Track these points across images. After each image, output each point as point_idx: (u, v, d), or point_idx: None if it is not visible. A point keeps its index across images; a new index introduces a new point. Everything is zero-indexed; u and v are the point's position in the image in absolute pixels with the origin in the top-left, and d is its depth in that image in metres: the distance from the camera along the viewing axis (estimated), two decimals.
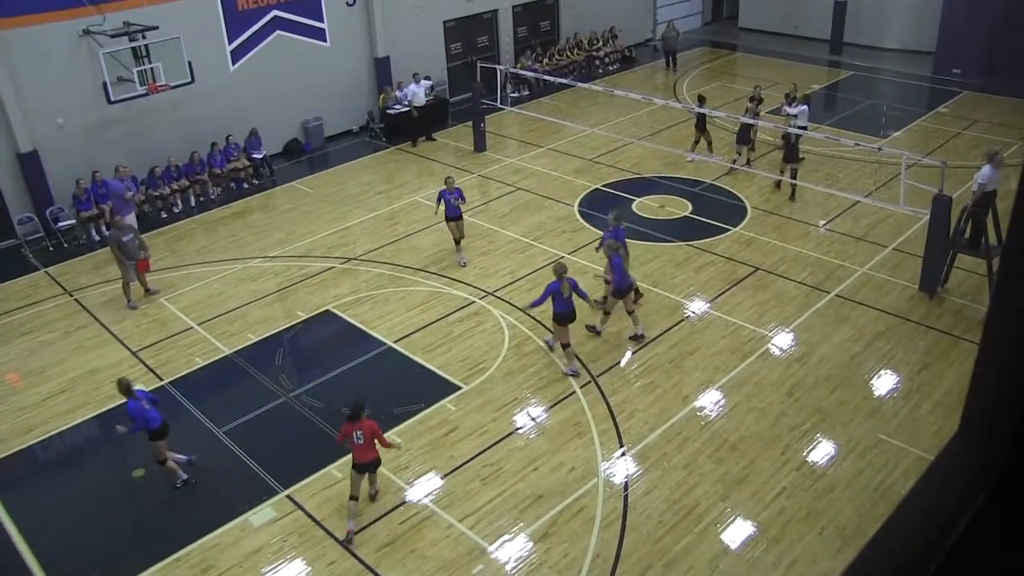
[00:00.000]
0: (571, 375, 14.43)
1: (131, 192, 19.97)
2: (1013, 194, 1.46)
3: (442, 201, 18.01)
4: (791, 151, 20.51)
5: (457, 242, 18.52)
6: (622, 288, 14.80)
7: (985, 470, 1.56)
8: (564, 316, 14.13)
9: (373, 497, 11.79)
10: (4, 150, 20.37)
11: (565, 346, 14.40)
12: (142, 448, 12.57)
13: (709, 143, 23.02)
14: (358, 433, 11.04)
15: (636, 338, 15.27)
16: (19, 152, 20.49)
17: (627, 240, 16.12)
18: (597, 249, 16.12)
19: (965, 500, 1.52)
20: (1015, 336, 1.56)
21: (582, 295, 14.34)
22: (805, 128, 21.46)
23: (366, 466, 11.28)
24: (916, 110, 26.96)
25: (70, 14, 20.55)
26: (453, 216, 18.14)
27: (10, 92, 20.03)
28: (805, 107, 22.12)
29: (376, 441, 11.19)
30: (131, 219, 19.58)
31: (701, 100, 22.89)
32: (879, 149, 20.32)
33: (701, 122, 22.87)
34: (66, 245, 20.65)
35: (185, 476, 12.46)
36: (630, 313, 15.22)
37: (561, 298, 14.01)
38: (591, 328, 15.47)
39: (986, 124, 25.36)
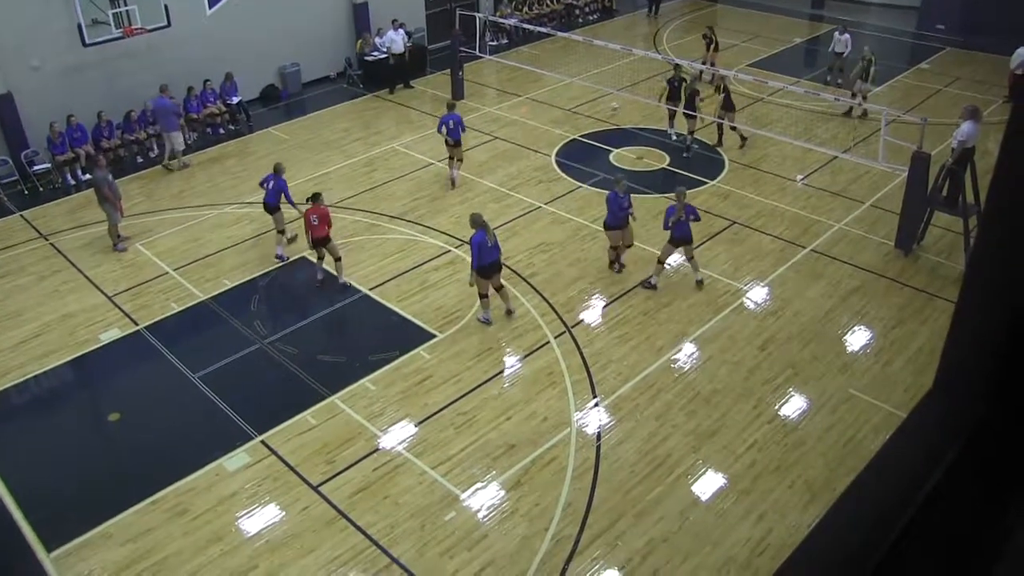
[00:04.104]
0: (484, 321, 14.63)
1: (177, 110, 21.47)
2: (991, 153, 1.47)
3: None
4: (728, 101, 20.71)
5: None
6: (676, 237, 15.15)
7: (957, 427, 1.59)
8: (494, 265, 14.21)
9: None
10: None
11: (483, 296, 14.50)
12: (117, 392, 12.53)
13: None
14: (314, 217, 15.07)
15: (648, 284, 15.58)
16: None
17: (606, 191, 16.06)
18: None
19: (937, 455, 1.54)
20: (990, 298, 1.58)
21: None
22: (840, 53, 24.54)
23: (320, 241, 15.37)
24: (898, 66, 26.87)
25: None
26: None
27: None
28: (848, 36, 24.56)
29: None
30: (178, 136, 21.11)
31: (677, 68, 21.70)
32: (860, 104, 20.32)
33: (677, 93, 21.09)
34: (41, 189, 20.39)
35: None
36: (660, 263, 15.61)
37: (487, 248, 13.95)
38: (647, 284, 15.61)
39: (967, 81, 25.37)
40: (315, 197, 15.39)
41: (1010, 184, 1.45)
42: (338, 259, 15.67)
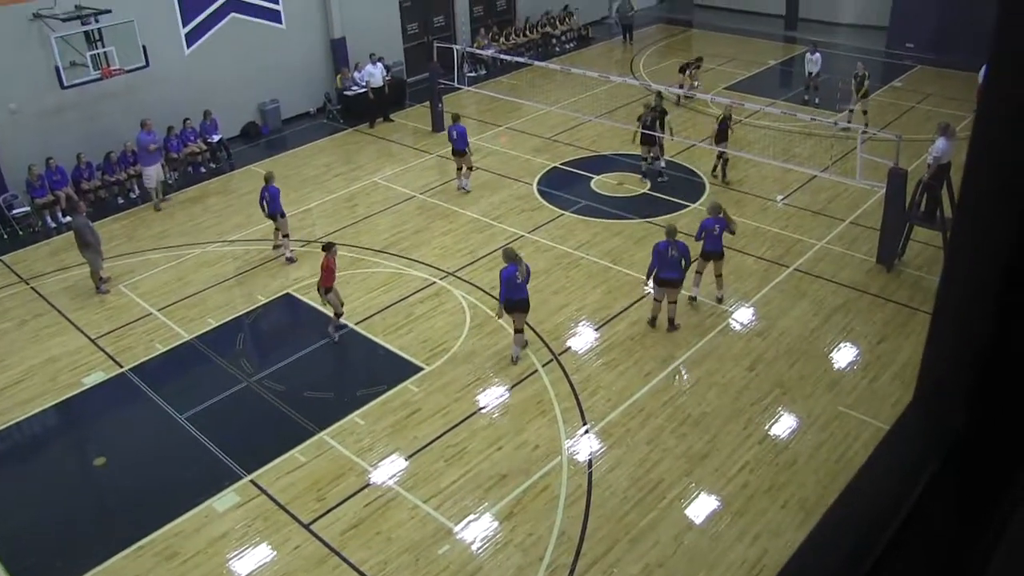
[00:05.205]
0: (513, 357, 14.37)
1: (155, 145, 21.20)
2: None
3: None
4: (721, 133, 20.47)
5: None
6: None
7: (939, 437, 1.59)
8: (521, 303, 13.90)
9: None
10: None
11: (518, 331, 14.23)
12: (102, 436, 12.43)
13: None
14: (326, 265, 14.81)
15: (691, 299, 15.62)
16: None
17: (588, 218, 16.05)
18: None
19: (920, 467, 1.54)
20: (965, 308, 1.58)
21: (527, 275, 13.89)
22: (811, 73, 25.60)
23: (327, 289, 14.93)
24: (871, 84, 27.08)
25: None
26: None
27: None
28: (819, 55, 25.46)
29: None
30: (155, 170, 21.16)
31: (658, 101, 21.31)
32: (835, 124, 20.48)
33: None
34: (21, 232, 20.27)
35: None
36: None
37: (515, 283, 13.67)
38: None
39: (939, 98, 25.64)
40: (327, 247, 14.90)
41: (978, 189, 1.46)
42: (337, 315, 15.30)
